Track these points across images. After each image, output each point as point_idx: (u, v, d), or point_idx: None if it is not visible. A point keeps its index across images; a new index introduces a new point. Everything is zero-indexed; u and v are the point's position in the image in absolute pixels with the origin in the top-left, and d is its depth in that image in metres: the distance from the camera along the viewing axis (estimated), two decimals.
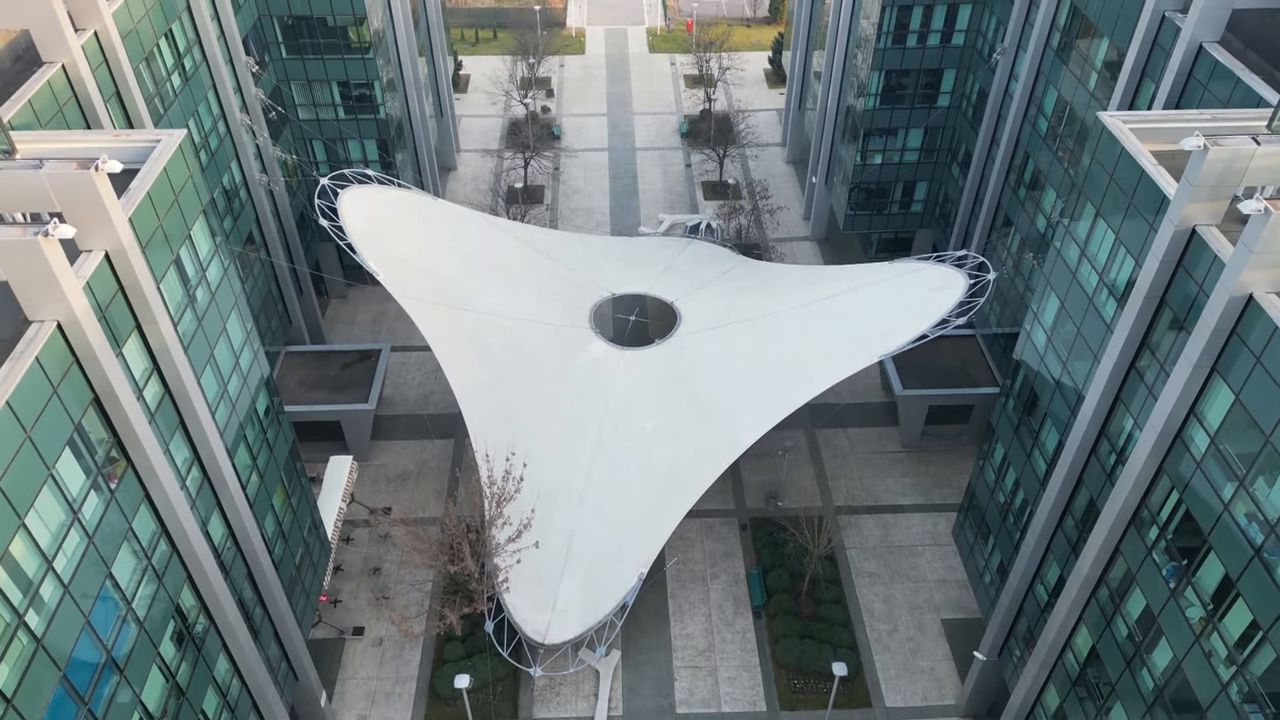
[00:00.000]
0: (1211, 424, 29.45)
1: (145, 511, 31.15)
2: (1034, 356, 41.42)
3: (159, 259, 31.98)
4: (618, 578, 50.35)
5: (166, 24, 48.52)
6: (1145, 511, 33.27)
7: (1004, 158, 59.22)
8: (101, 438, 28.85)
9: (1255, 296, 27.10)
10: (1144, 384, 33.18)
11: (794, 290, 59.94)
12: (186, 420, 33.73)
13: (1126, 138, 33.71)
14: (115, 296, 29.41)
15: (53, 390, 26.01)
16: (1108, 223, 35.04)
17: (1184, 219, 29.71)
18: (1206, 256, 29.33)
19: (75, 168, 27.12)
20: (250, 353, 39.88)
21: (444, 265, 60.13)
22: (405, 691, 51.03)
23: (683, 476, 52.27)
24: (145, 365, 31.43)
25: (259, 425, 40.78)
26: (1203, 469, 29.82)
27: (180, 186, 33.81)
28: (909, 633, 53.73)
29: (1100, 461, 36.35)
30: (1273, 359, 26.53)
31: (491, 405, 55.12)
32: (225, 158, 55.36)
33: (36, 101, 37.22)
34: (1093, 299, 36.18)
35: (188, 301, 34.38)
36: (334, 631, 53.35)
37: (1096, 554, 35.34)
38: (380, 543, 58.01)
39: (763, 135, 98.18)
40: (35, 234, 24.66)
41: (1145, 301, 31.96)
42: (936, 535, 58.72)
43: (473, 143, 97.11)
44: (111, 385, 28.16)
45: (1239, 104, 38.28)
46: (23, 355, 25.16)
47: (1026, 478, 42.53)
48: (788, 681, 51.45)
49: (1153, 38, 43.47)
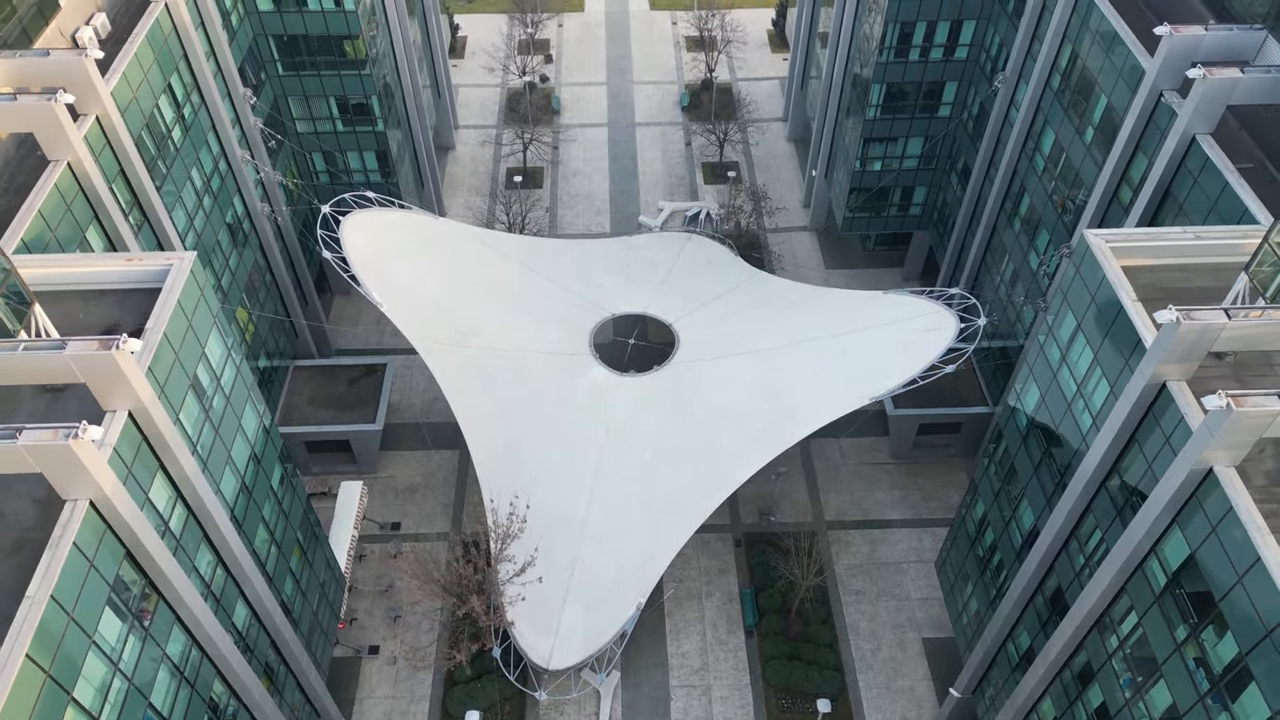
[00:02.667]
0: (1170, 565, 31.50)
1: (177, 632, 33.61)
2: (1015, 435, 43.19)
3: (176, 391, 33.51)
4: (617, 606, 53.28)
5: (165, 79, 48.47)
6: (1109, 618, 35.67)
7: (1001, 184, 59.45)
8: (134, 581, 31.02)
9: (1215, 470, 28.75)
10: (1112, 504, 35.10)
11: (792, 316, 61.05)
12: (209, 532, 35.86)
13: (1110, 265, 34.65)
14: (139, 448, 31.10)
15: (90, 565, 28.05)
16: (1087, 338, 36.29)
17: (1155, 375, 31.06)
18: (1174, 413, 30.81)
19: (97, 348, 28.46)
20: (264, 435, 41.68)
21: (446, 291, 61.19)
22: (419, 711, 54.73)
23: (680, 508, 54.62)
24: (168, 497, 33.35)
25: (275, 499, 42.94)
26: (1160, 604, 32.03)
27: (193, 310, 35.02)
28: (891, 652, 57.08)
29: (1070, 558, 38.57)
30: (1227, 531, 28.37)
31: (496, 434, 57.12)
32: (228, 194, 55.89)
33: (46, 208, 37.98)
34: (1070, 406, 37.72)
35: (204, 417, 36.03)
36: (351, 650, 56.74)
37: (1064, 645, 37.92)
38: (392, 560, 60.93)
39: (764, 108, 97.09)
40: (66, 437, 26.22)
41: (1117, 435, 33.57)
42: (921, 552, 61.53)
43: (471, 117, 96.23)
44: (141, 540, 30.16)
45: (1227, 202, 38.88)
46: (61, 541, 27.10)
47: (1004, 545, 44.85)
48: (776, 701, 55.06)
49: (1149, 114, 43.60)
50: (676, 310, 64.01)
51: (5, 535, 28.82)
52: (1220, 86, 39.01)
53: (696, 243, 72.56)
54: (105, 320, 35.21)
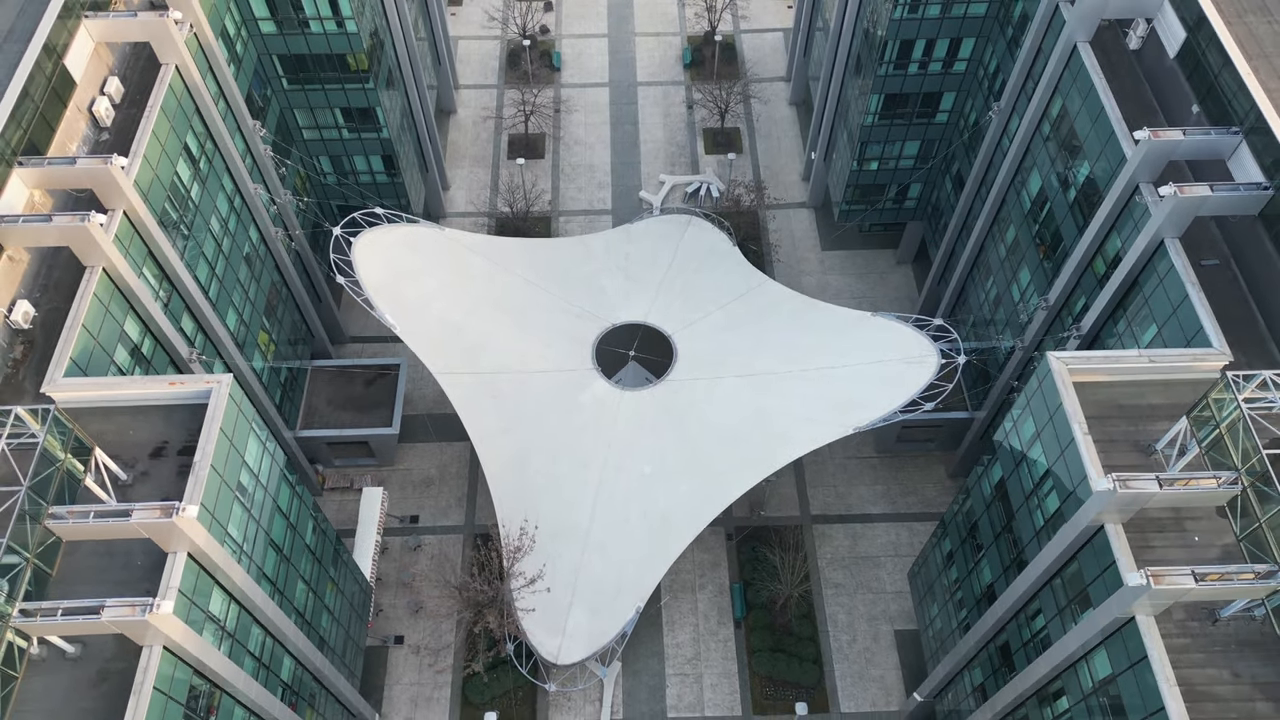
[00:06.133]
0: (1097, 676, 36.36)
1: (239, 711, 38.92)
2: (980, 501, 47.40)
3: (224, 511, 37.54)
4: (618, 609, 59.07)
5: (181, 141, 50.09)
6: (1048, 693, 40.91)
7: (990, 210, 61.25)
8: (202, 688, 36.04)
9: (1137, 620, 33.12)
10: (1055, 602, 39.68)
11: (785, 335, 64.11)
12: (257, 616, 40.67)
13: (1068, 395, 37.89)
14: (198, 578, 35.45)
15: (168, 700, 32.90)
16: (1044, 448, 39.95)
17: (1095, 520, 34.97)
18: (1107, 555, 34.89)
19: (159, 515, 32.35)
20: (300, 509, 45.98)
21: (454, 308, 64.09)
22: (442, 696, 61.39)
23: (675, 522, 59.60)
24: (223, 605, 37.93)
25: (311, 556, 47.67)
26: (1087, 700, 37.10)
27: (233, 428, 38.61)
28: (865, 643, 63.25)
29: (1019, 627, 43.51)
30: (1141, 676, 33.01)
31: (507, 450, 61.48)
32: (244, 227, 58.09)
33: (89, 320, 40.92)
34: (1027, 501, 41.75)
35: (246, 514, 40.17)
36: (379, 640, 62.93)
37: (1006, 703, 43.38)
38: (412, 553, 66.41)
39: (768, 65, 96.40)
40: (143, 612, 30.52)
41: (1061, 554, 37.77)
42: (898, 546, 66.89)
43: (471, 74, 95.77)
44: (207, 662, 34.94)
45: (1186, 314, 41.59)
46: (143, 687, 31.84)
47: (966, 588, 49.83)
48: (761, 688, 61.61)
49: (1125, 201, 45.58)
50: (675, 320, 66.99)
51: (91, 667, 33.58)
52: (1190, 202, 41.05)
53: (696, 227, 74.60)
54: (154, 437, 39.01)
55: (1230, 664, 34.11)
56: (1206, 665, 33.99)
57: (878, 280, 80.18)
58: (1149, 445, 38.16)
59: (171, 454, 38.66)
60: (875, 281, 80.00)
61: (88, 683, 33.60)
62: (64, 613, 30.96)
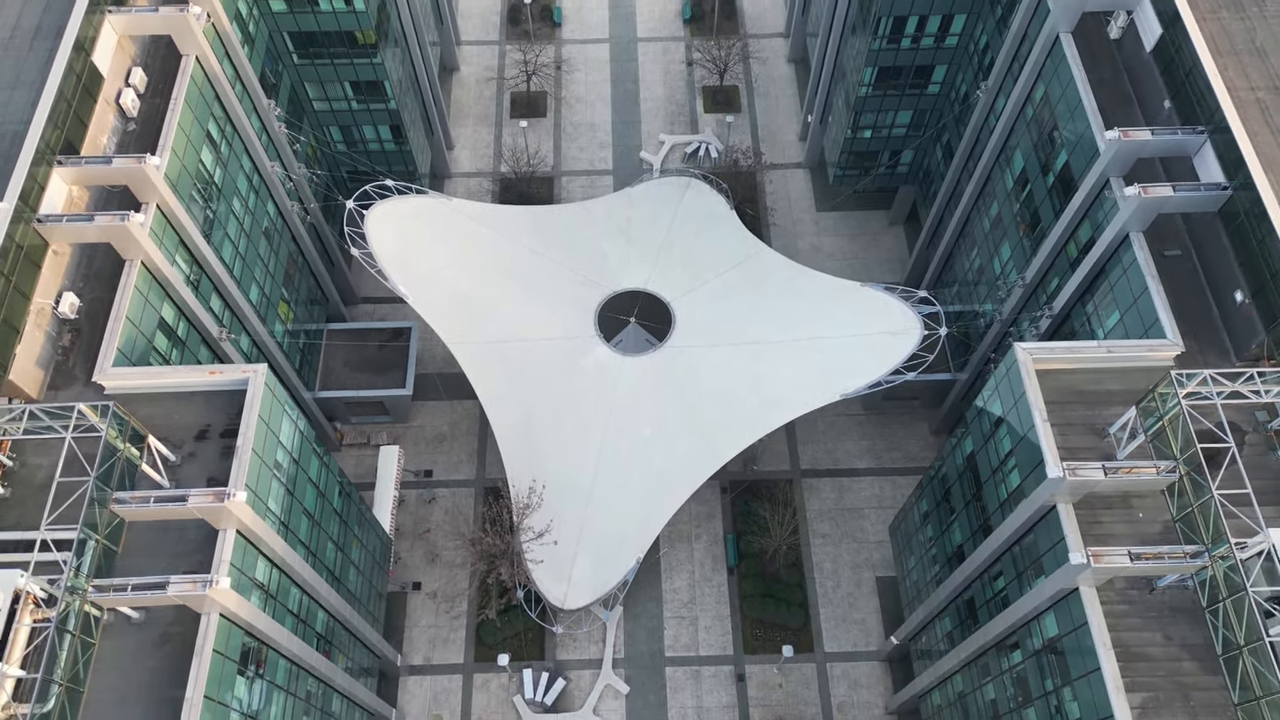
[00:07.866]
0: (1046, 634, 40.86)
1: (282, 664, 43.60)
2: (953, 470, 51.46)
3: (264, 490, 41.54)
4: (620, 560, 63.81)
5: (204, 129, 52.64)
6: (1006, 645, 45.56)
7: (976, 185, 63.91)
8: (251, 645, 40.57)
9: (1080, 590, 37.41)
10: (1014, 566, 44.02)
11: (779, 303, 67.42)
12: (295, 579, 45.08)
13: (1030, 385, 41.48)
14: (245, 551, 39.61)
15: (225, 659, 37.37)
16: (1008, 429, 43.78)
17: (1048, 500, 38.99)
18: (1058, 531, 38.99)
19: (212, 500, 36.33)
20: (327, 476, 50.00)
21: (463, 277, 67.28)
22: (457, 638, 66.55)
23: (673, 480, 63.90)
24: (266, 572, 42.21)
25: (338, 518, 51.93)
26: (1036, 658, 41.69)
27: (269, 412, 42.36)
28: (849, 589, 68.20)
29: (983, 586, 48.00)
30: (1082, 639, 37.44)
31: (515, 413, 65.46)
32: (262, 203, 60.90)
33: (132, 311, 44.28)
34: (993, 474, 45.77)
35: (284, 489, 44.20)
36: (398, 587, 67.84)
37: (970, 652, 48.15)
38: (427, 505, 70.92)
39: (766, 20, 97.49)
40: (204, 588, 34.73)
41: (1020, 526, 41.92)
42: (881, 499, 71.39)
43: (472, 29, 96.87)
44: (256, 624, 39.35)
45: (1145, 305, 44.93)
46: (203, 651, 36.25)
47: (939, 546, 54.29)
48: (751, 630, 66.75)
49: (1096, 194, 48.47)
50: (674, 287, 70.21)
51: (154, 631, 38.03)
52: (1154, 201, 44.03)
53: (695, 190, 77.21)
54: (198, 420, 42.86)
55: (1163, 628, 38.52)
56: (1142, 629, 38.40)
57: (870, 241, 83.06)
58: (1104, 429, 41.97)
59: (214, 436, 42.54)
60: (868, 243, 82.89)
61: (151, 645, 38.02)
62: (134, 588, 35.16)
